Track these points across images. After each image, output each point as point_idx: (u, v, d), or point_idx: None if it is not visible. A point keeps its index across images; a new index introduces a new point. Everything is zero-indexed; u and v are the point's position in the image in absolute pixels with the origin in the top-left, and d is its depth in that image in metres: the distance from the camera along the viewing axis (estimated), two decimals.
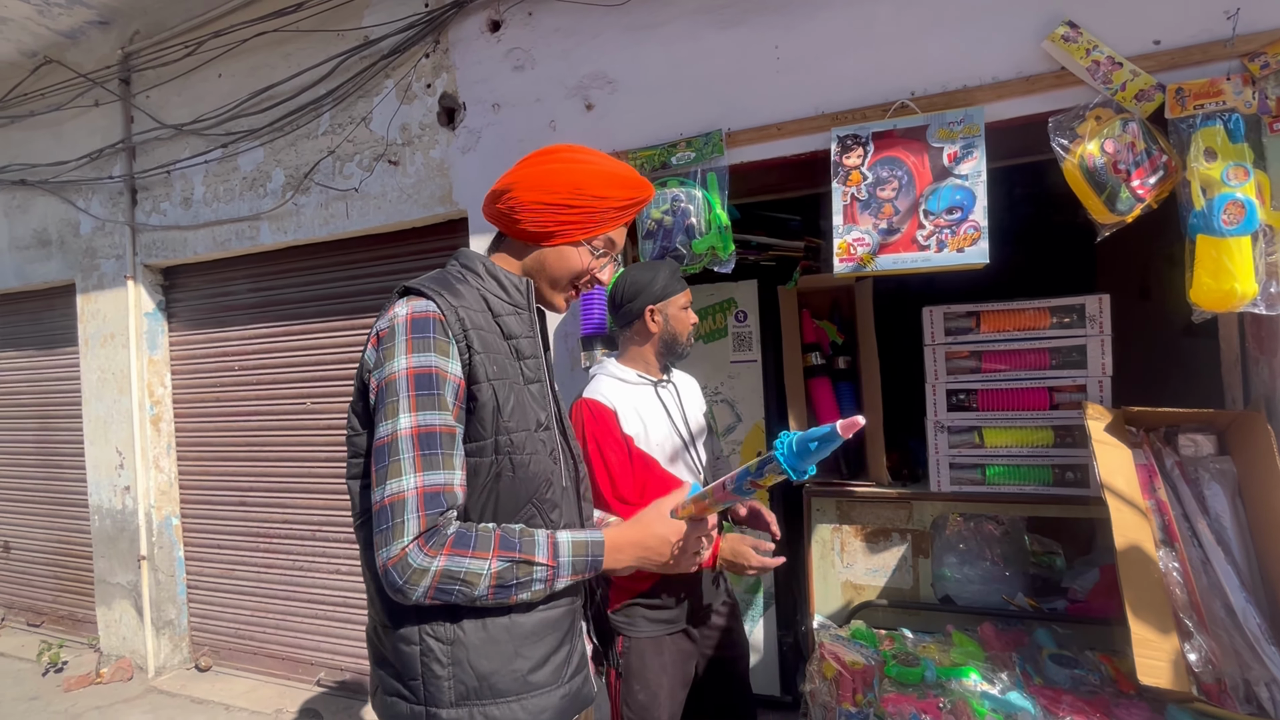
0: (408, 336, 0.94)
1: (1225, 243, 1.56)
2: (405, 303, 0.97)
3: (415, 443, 0.91)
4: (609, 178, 1.08)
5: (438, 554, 0.89)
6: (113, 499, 3.52)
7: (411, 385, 0.92)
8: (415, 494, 0.89)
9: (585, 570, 0.98)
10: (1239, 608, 1.59)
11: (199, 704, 3.14)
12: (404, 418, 0.91)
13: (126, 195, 3.41)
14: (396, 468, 0.90)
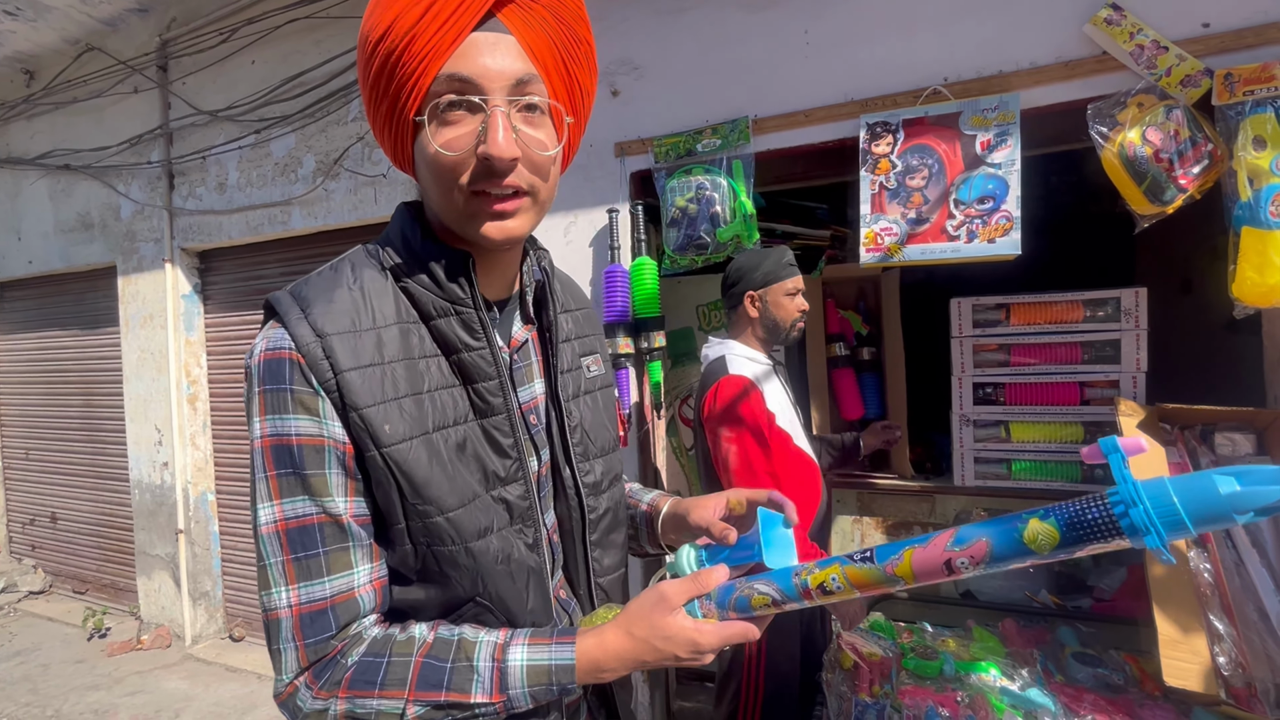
0: (260, 389, 0.65)
1: (1272, 235, 1.50)
2: (265, 331, 0.68)
3: (283, 543, 0.65)
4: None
5: (331, 696, 0.64)
6: (152, 474, 3.66)
7: (269, 462, 0.65)
8: (290, 615, 0.65)
9: (554, 696, 0.68)
10: (1273, 611, 1.55)
11: (233, 672, 3.26)
12: (265, 508, 0.65)
13: (164, 180, 3.50)
14: (266, 576, 0.66)
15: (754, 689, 1.75)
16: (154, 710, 2.93)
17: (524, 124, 0.66)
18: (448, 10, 0.61)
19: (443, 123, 0.65)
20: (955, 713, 1.68)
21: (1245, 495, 0.43)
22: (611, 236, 2.30)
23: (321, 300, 0.68)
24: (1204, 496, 0.44)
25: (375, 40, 0.64)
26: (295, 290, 0.70)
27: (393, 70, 0.64)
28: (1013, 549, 0.55)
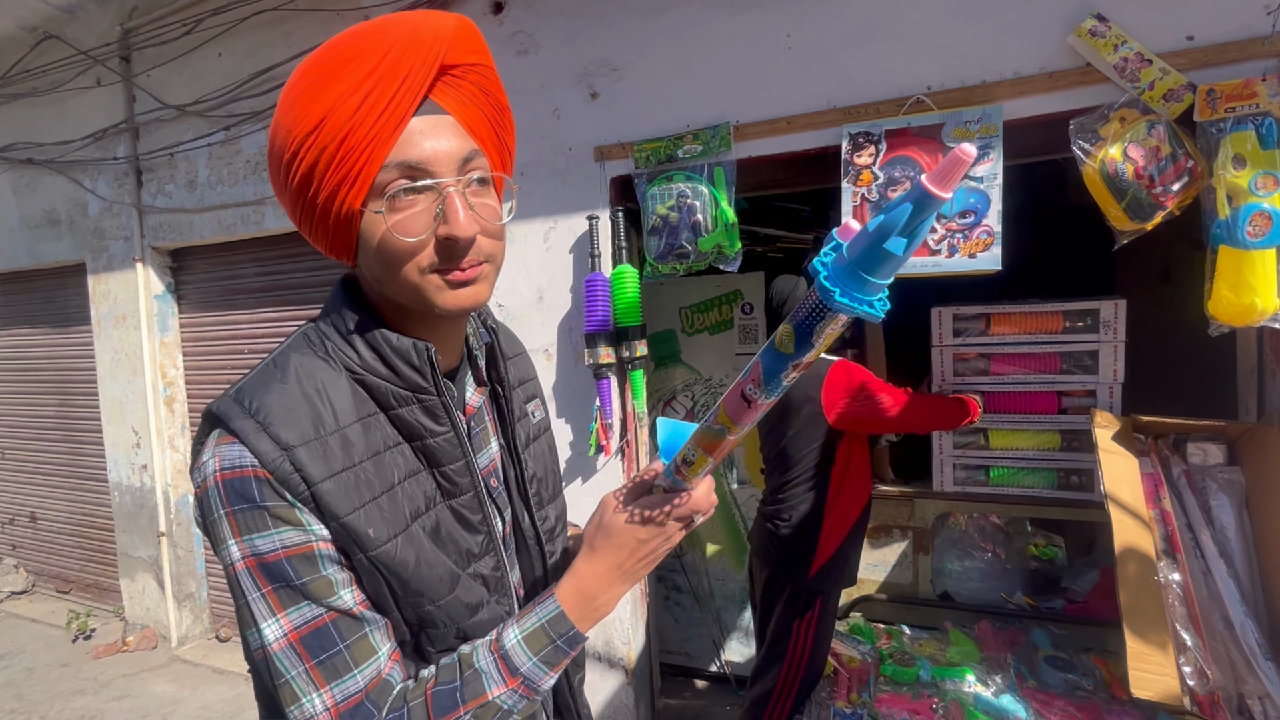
0: (227, 510, 0.61)
1: (1248, 255, 1.50)
2: (214, 447, 0.63)
3: (300, 652, 0.63)
4: (310, 84, 0.62)
5: None
6: (131, 477, 3.61)
7: (260, 579, 0.62)
8: (331, 718, 0.63)
9: (566, 654, 0.69)
10: (1238, 621, 1.59)
11: (220, 674, 3.27)
12: (268, 626, 0.63)
13: (132, 176, 3.39)
14: (290, 691, 0.63)
15: (796, 671, 1.85)
16: (141, 716, 2.93)
17: (475, 198, 0.66)
18: (385, 99, 0.60)
19: (394, 209, 0.63)
20: None
21: (885, 222, 0.47)
22: (592, 244, 2.27)
23: (277, 407, 0.63)
24: (862, 243, 0.48)
25: (304, 135, 0.61)
26: (240, 397, 0.65)
27: (330, 163, 0.61)
28: (773, 358, 0.57)
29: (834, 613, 1.90)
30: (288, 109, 0.63)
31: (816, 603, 1.84)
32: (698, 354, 2.75)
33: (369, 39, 0.61)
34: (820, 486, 1.84)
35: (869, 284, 0.49)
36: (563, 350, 2.43)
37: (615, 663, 2.43)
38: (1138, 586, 1.60)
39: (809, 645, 1.83)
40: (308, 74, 0.62)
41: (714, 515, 2.81)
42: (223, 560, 0.64)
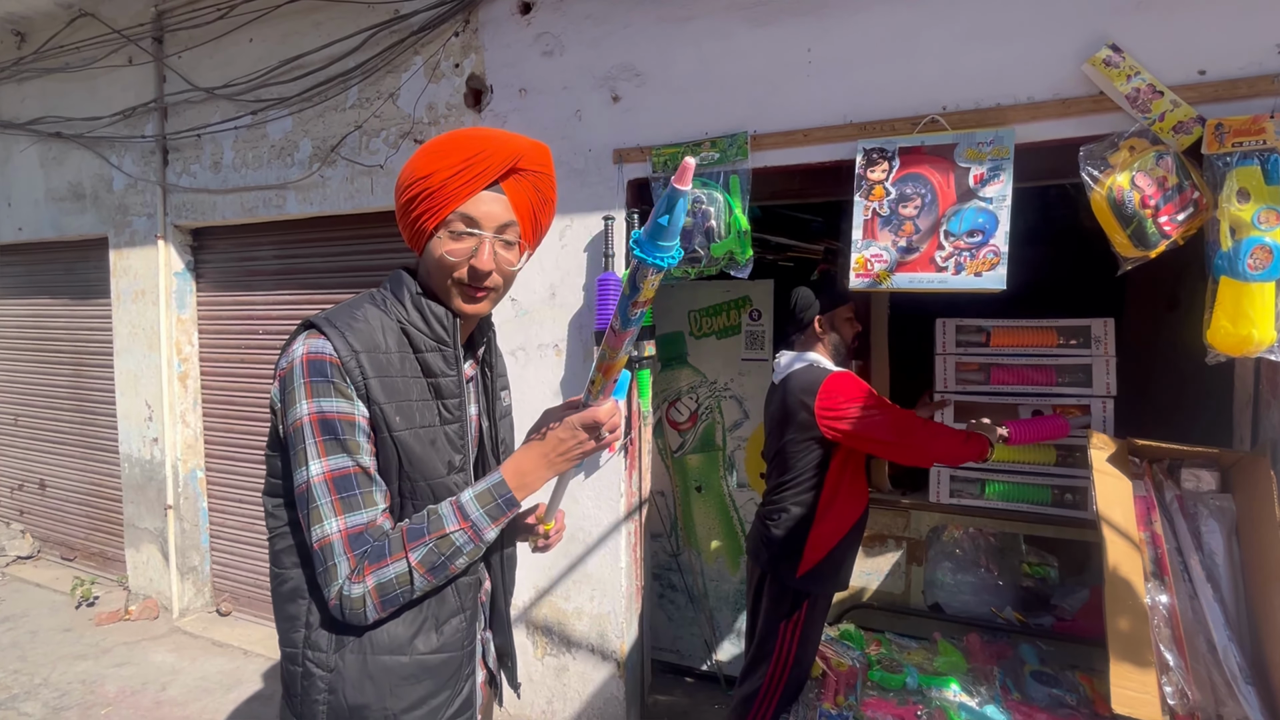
0: (305, 379, 0.91)
1: (1248, 288, 1.54)
2: (303, 340, 0.93)
3: (330, 487, 0.91)
4: (433, 151, 0.97)
5: (361, 578, 0.90)
6: (142, 449, 3.68)
7: (317, 430, 0.90)
8: (339, 537, 0.90)
9: (504, 512, 0.95)
10: (1221, 645, 1.63)
11: (219, 647, 3.33)
12: (314, 464, 0.90)
13: (158, 155, 3.46)
14: (318, 513, 0.90)
15: (781, 672, 1.90)
16: (141, 683, 3.00)
17: (502, 249, 1.00)
18: (469, 176, 0.95)
19: (451, 239, 0.97)
20: None
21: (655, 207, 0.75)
22: (606, 244, 2.32)
23: (353, 328, 0.94)
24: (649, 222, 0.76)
25: (419, 178, 0.96)
26: (330, 317, 0.96)
27: (426, 197, 0.96)
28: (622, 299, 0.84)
29: (822, 616, 1.93)
30: (419, 157, 0.97)
31: (804, 604, 1.87)
32: (704, 357, 2.79)
33: (478, 139, 0.97)
34: (814, 491, 1.87)
35: (658, 246, 0.76)
36: (572, 347, 2.48)
37: (608, 655, 2.48)
38: (1125, 606, 1.63)
39: (794, 646, 1.87)
40: (438, 143, 0.98)
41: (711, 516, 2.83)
42: (291, 417, 0.92)
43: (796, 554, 1.87)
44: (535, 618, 2.61)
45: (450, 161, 0.95)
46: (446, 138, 0.98)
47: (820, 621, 1.93)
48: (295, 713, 0.97)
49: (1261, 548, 1.63)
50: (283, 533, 0.99)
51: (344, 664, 0.95)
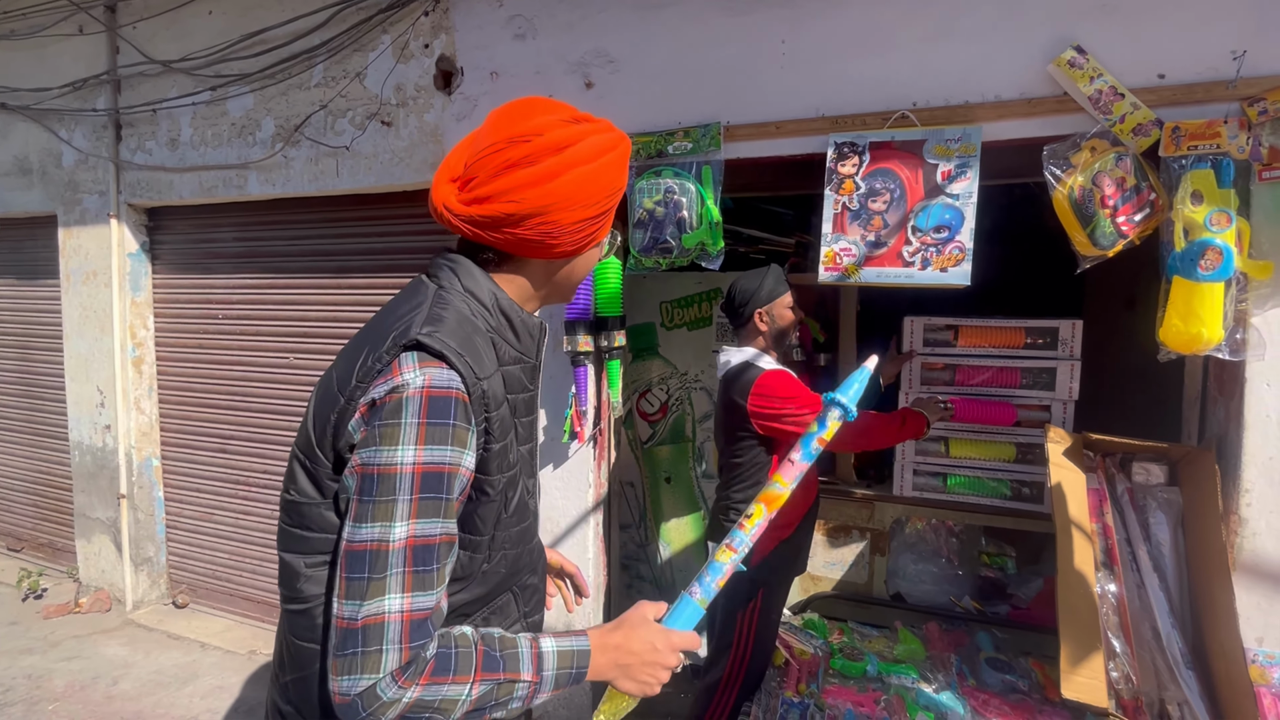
0: (421, 420, 0.74)
1: (1199, 288, 1.58)
2: (419, 368, 0.76)
3: (409, 557, 0.73)
4: (624, 158, 0.90)
5: (412, 684, 0.73)
6: (93, 436, 3.55)
7: (418, 486, 0.73)
8: (400, 621, 0.72)
9: (566, 684, 0.82)
10: (1164, 632, 1.69)
11: (175, 640, 3.24)
12: (400, 526, 0.73)
13: (111, 130, 3.31)
14: (380, 586, 0.72)
15: (741, 660, 1.91)
16: (91, 677, 2.90)
17: None
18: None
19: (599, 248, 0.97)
20: (874, 713, 1.79)
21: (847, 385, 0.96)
22: None
23: (470, 349, 0.80)
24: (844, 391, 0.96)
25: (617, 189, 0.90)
26: (444, 336, 0.79)
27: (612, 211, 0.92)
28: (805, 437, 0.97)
29: (780, 603, 1.96)
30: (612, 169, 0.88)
31: (759, 593, 1.89)
32: (675, 348, 2.79)
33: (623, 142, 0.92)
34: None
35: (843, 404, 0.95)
36: None
37: None
38: (1076, 595, 1.68)
39: (752, 635, 1.89)
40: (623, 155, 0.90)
41: (680, 507, 2.84)
42: (383, 460, 0.74)
43: None
44: None
45: (626, 174, 0.93)
46: (616, 139, 0.89)
47: (777, 608, 1.96)
48: None
49: (1204, 538, 1.70)
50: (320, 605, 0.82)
51: None
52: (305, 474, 0.83)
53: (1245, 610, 1.64)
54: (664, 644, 0.87)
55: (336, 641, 0.73)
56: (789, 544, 1.92)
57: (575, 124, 0.87)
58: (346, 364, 0.83)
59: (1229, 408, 1.71)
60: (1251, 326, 1.62)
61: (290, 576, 0.85)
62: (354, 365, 0.81)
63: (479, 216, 0.85)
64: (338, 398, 0.80)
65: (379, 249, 2.94)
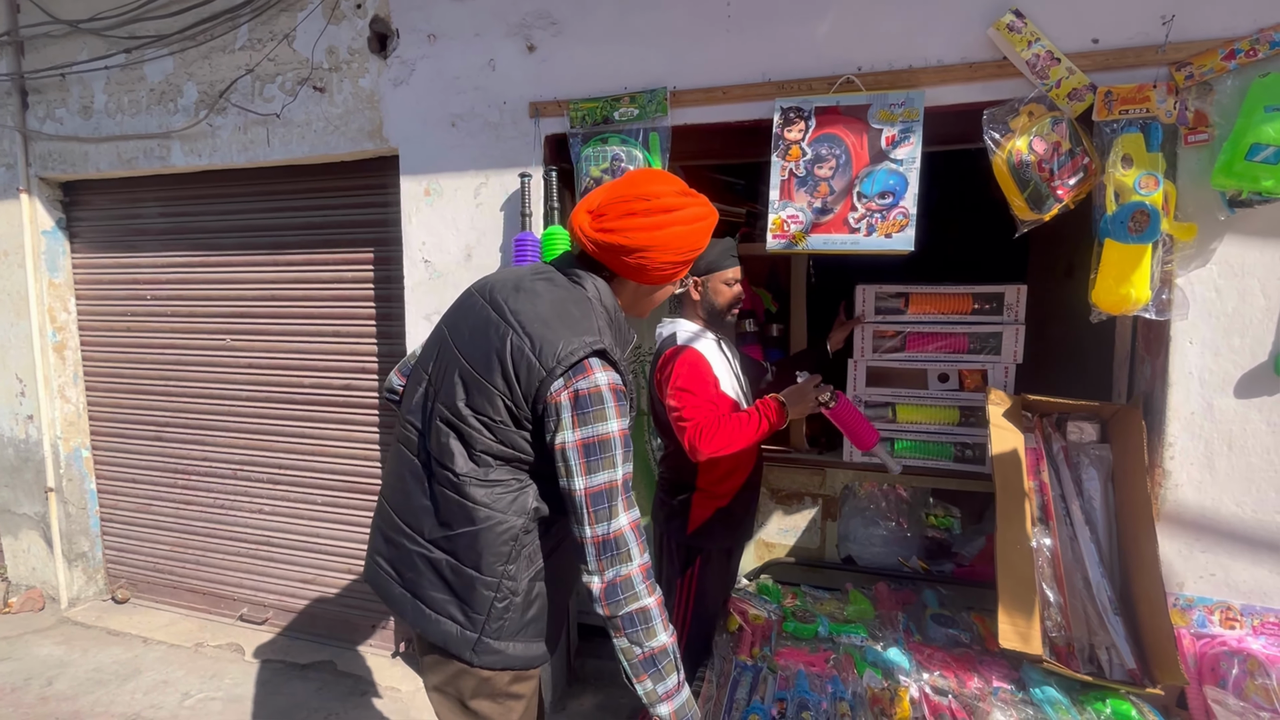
0: (615, 404, 1.13)
1: (1129, 249, 1.63)
2: (604, 370, 1.14)
3: (623, 488, 1.14)
4: (710, 229, 1.27)
5: (655, 592, 1.15)
6: (14, 428, 3.33)
7: (622, 444, 1.14)
8: (631, 529, 1.13)
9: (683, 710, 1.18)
10: (1095, 581, 1.77)
11: (115, 636, 3.11)
12: (620, 469, 1.13)
13: (15, 96, 3.06)
14: (618, 508, 1.13)
15: (682, 627, 1.94)
16: (23, 678, 2.76)
17: None
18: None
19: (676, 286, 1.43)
20: (824, 672, 1.83)
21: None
22: (523, 202, 2.22)
23: (618, 350, 1.20)
24: None
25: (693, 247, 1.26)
26: (610, 346, 1.16)
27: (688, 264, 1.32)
28: None
29: (719, 570, 1.96)
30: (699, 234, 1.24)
31: (696, 560, 1.91)
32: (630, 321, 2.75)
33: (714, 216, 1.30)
34: (681, 458, 1.87)
35: None
36: None
37: None
38: (1013, 550, 1.74)
39: (691, 602, 1.92)
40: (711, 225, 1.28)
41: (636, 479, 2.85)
42: (601, 430, 1.12)
43: (684, 513, 1.92)
44: None
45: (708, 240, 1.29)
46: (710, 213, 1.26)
47: (717, 576, 1.96)
48: (473, 626, 1.20)
49: (1132, 491, 1.77)
50: (509, 485, 1.19)
51: (532, 588, 1.23)
52: (508, 411, 1.16)
53: (1168, 557, 1.73)
54: None
55: (596, 552, 1.12)
56: (726, 514, 1.92)
57: (684, 196, 1.23)
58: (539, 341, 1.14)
59: (1155, 366, 1.78)
60: (1176, 287, 1.68)
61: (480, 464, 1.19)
62: (552, 348, 1.13)
63: (603, 242, 1.20)
64: (538, 368, 1.12)
65: (317, 223, 2.81)
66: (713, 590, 1.95)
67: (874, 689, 1.68)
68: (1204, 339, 1.69)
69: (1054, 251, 3.23)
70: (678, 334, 1.91)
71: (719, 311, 1.93)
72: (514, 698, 1.28)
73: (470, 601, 1.20)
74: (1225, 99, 1.62)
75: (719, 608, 1.97)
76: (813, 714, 1.56)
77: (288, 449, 3.00)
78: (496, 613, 1.20)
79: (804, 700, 1.61)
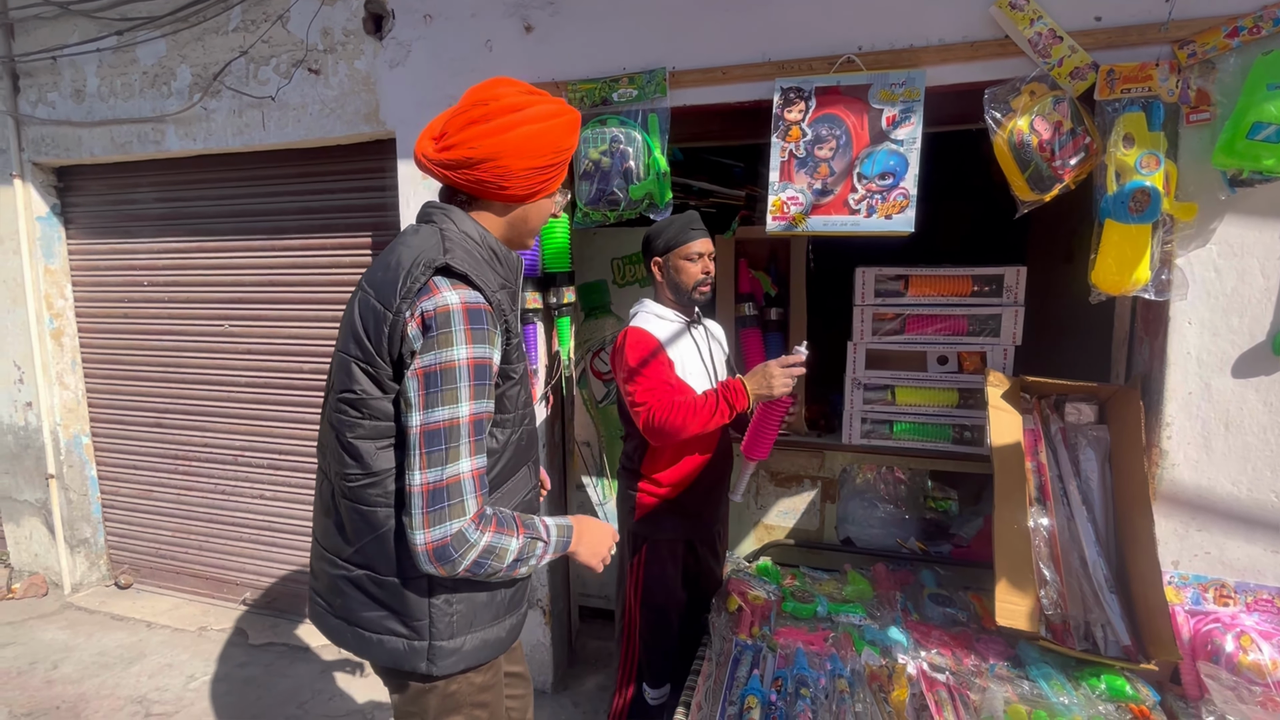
0: (465, 327, 0.99)
1: (1129, 229, 1.63)
2: (452, 288, 1.01)
3: (472, 429, 1.00)
4: (571, 125, 1.14)
5: (486, 531, 1.02)
6: (14, 415, 3.33)
7: (471, 375, 0.99)
8: (471, 477, 1.00)
9: (561, 550, 1.15)
10: (1091, 560, 1.78)
11: (119, 621, 3.13)
12: (465, 405, 0.99)
13: (6, 80, 3.02)
14: (455, 452, 0.99)
15: (634, 610, 1.94)
16: (28, 662, 2.78)
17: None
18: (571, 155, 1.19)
19: (553, 200, 1.20)
20: (822, 650, 1.85)
21: None
22: None
23: (479, 271, 1.06)
24: None
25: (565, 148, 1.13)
26: (462, 262, 1.04)
27: (562, 166, 1.16)
28: None
29: (667, 559, 1.90)
30: (564, 131, 1.12)
31: (643, 548, 1.88)
32: (628, 305, 2.74)
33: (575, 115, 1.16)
34: (637, 439, 1.87)
35: None
36: None
37: (534, 604, 2.49)
38: (1010, 530, 1.76)
39: (638, 587, 1.90)
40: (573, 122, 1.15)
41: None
42: (445, 357, 0.98)
43: (631, 499, 1.89)
44: None
45: (575, 140, 1.16)
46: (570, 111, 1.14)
47: (663, 564, 1.90)
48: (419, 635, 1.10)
49: (1129, 471, 1.79)
50: (390, 475, 1.06)
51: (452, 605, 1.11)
52: (367, 376, 1.05)
53: (1163, 536, 1.75)
54: (610, 535, 1.26)
55: (424, 503, 0.98)
56: (674, 505, 1.87)
57: (530, 94, 1.11)
58: (381, 287, 1.05)
59: (1153, 346, 1.78)
60: (1176, 267, 1.69)
61: (359, 456, 1.06)
62: (393, 286, 1.02)
63: (446, 160, 1.09)
64: (384, 312, 1.02)
65: (315, 208, 2.79)
66: (661, 583, 1.90)
67: (872, 666, 1.70)
68: (1203, 319, 1.69)
69: (1053, 237, 3.23)
70: (640, 315, 1.87)
71: (684, 291, 1.84)
72: (481, 706, 1.19)
73: (405, 611, 1.09)
74: (1228, 77, 1.61)
75: (672, 602, 1.93)
76: (811, 690, 1.58)
77: (287, 434, 3.00)
78: (439, 612, 1.09)
79: (803, 677, 1.63)
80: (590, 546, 1.21)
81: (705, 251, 1.84)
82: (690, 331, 1.91)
